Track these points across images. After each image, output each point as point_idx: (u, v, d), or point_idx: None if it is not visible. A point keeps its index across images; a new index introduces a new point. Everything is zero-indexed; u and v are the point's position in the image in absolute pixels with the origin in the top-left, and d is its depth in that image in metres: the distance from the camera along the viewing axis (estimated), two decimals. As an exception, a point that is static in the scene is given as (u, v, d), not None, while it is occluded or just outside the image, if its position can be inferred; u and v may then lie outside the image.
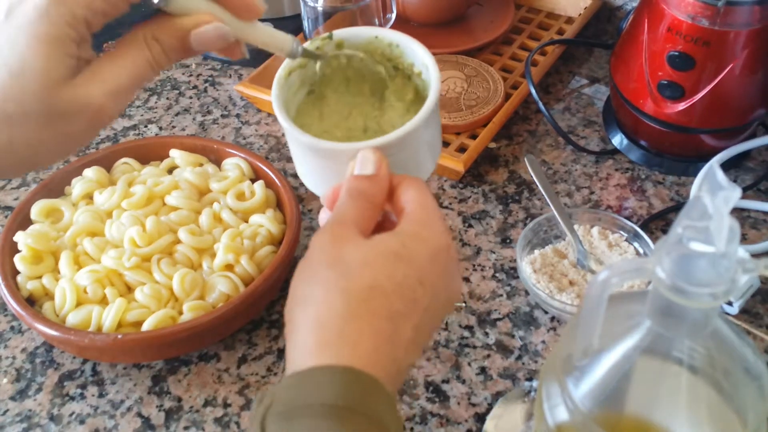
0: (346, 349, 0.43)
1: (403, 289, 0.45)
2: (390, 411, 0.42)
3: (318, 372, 0.42)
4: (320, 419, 0.40)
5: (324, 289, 0.45)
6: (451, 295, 0.49)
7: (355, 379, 0.42)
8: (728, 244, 0.39)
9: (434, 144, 0.56)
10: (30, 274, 0.73)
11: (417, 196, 0.49)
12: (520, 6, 1.11)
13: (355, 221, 0.48)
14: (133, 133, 0.98)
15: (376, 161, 0.50)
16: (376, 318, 0.44)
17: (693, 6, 0.77)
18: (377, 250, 0.46)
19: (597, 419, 0.45)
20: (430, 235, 0.48)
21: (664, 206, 0.85)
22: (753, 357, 0.45)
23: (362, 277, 0.45)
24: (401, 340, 0.45)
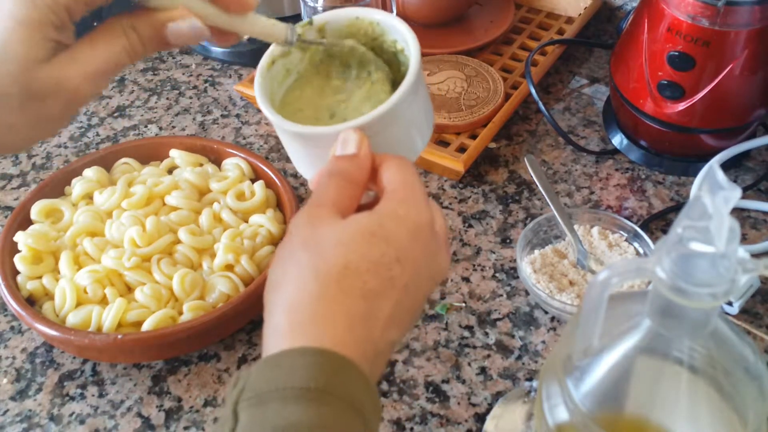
0: (319, 329, 0.43)
1: (378, 268, 0.45)
2: (365, 391, 0.42)
3: (289, 355, 0.42)
4: (292, 403, 0.39)
5: (297, 270, 0.45)
6: (435, 271, 0.49)
7: (327, 360, 0.41)
8: (728, 244, 0.39)
9: (421, 121, 0.55)
10: (30, 274, 0.73)
11: (398, 175, 0.49)
12: (520, 6, 1.11)
13: (332, 202, 0.48)
14: (133, 133, 0.98)
15: (357, 141, 0.49)
16: (349, 297, 0.44)
17: (693, 6, 0.77)
18: (352, 230, 0.46)
19: (597, 419, 0.45)
20: (409, 212, 0.47)
21: (664, 206, 0.85)
22: (753, 357, 0.45)
23: (335, 257, 0.44)
24: (377, 319, 0.44)
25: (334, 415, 0.40)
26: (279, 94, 0.57)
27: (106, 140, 0.97)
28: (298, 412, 0.39)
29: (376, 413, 0.43)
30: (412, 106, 0.53)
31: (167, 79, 1.06)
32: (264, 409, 0.40)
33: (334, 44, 0.57)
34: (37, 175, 0.92)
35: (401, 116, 0.52)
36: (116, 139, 0.97)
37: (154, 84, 1.05)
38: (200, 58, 1.09)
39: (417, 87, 0.52)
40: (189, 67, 1.08)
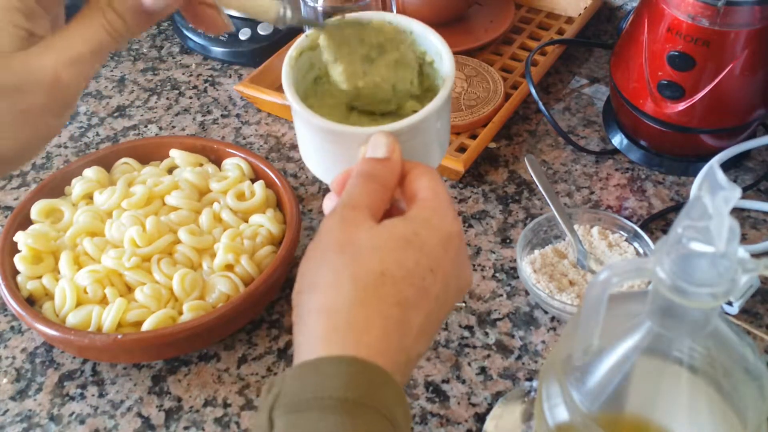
0: (354, 336, 0.42)
1: (414, 277, 0.44)
2: (398, 402, 0.42)
3: (325, 362, 0.41)
4: (329, 413, 0.39)
5: (333, 274, 0.44)
6: (462, 283, 0.49)
7: (364, 370, 0.41)
8: (728, 244, 0.39)
9: (444, 134, 0.55)
10: (30, 274, 0.73)
11: (430, 183, 0.48)
12: (520, 6, 1.11)
13: (367, 205, 0.47)
14: (133, 133, 0.98)
15: (389, 144, 0.49)
16: (385, 305, 0.43)
17: (693, 6, 0.77)
18: (388, 235, 0.45)
19: (597, 419, 0.45)
20: (442, 223, 0.47)
21: (664, 206, 0.85)
22: (753, 357, 0.45)
23: (372, 262, 0.44)
24: (411, 328, 0.44)
25: (369, 426, 0.39)
26: (302, 86, 0.56)
27: (106, 140, 0.97)
28: (336, 423, 0.39)
29: (407, 422, 0.42)
30: (441, 117, 0.53)
31: (167, 79, 1.06)
32: (300, 417, 0.39)
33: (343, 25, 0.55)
34: (37, 175, 0.92)
35: (430, 126, 0.52)
36: (116, 139, 0.97)
37: (154, 84, 1.05)
38: (200, 58, 1.09)
39: (448, 101, 0.52)
40: (189, 67, 1.08)
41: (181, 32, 1.11)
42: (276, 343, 0.73)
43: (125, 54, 1.11)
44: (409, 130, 0.50)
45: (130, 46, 1.12)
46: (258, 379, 0.70)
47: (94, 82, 1.06)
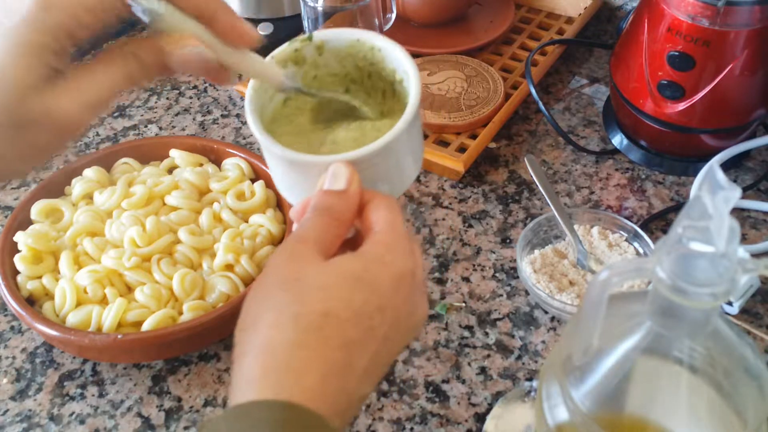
0: (291, 379, 0.41)
1: (360, 317, 0.43)
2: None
3: (257, 407, 0.40)
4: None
5: (274, 313, 0.43)
6: (414, 321, 0.47)
7: (296, 415, 0.39)
8: (728, 244, 0.39)
9: (416, 152, 0.54)
10: (30, 274, 0.73)
11: (387, 216, 0.47)
12: (520, 6, 1.11)
13: (316, 240, 0.45)
14: (133, 133, 0.98)
15: (348, 176, 0.47)
16: (327, 347, 0.42)
17: (693, 6, 0.77)
18: (336, 273, 0.44)
19: (597, 419, 0.45)
20: (395, 259, 0.45)
21: (664, 206, 0.85)
22: (753, 357, 0.45)
23: (317, 302, 0.42)
24: (354, 370, 0.42)
25: None
26: (269, 109, 0.55)
27: (106, 140, 0.97)
28: None
29: None
30: (406, 142, 0.51)
31: (167, 79, 1.06)
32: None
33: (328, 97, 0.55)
34: (37, 175, 0.92)
35: (395, 151, 0.50)
36: (116, 139, 0.97)
37: (154, 84, 1.05)
38: (200, 58, 1.09)
39: (414, 123, 0.51)
40: (189, 67, 1.08)
41: (181, 32, 1.11)
42: (276, 343, 0.73)
43: (125, 54, 1.11)
44: (372, 156, 0.49)
45: (130, 46, 1.12)
46: (258, 379, 0.70)
47: (94, 82, 1.06)
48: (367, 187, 0.49)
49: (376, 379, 0.45)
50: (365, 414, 0.67)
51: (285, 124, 0.55)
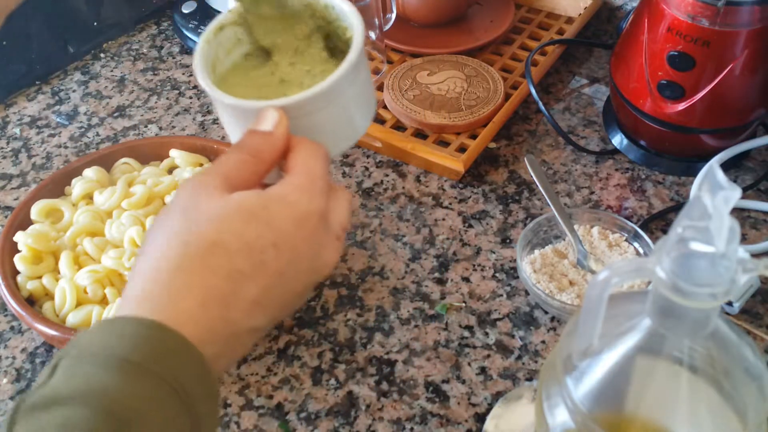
0: (167, 301, 0.42)
1: (252, 250, 0.44)
2: (196, 375, 0.41)
3: (123, 322, 0.41)
4: (104, 369, 0.38)
5: (166, 238, 0.44)
6: (319, 264, 0.48)
7: (159, 335, 0.40)
8: (728, 244, 0.39)
9: (359, 105, 0.54)
10: (30, 274, 0.73)
11: (305, 160, 0.48)
12: (520, 6, 1.11)
13: (224, 174, 0.47)
14: (133, 133, 0.98)
15: (275, 120, 0.48)
16: (211, 275, 0.43)
17: (693, 6, 0.77)
18: (233, 206, 0.45)
19: (597, 419, 0.45)
20: (301, 199, 0.46)
21: (664, 206, 0.85)
22: (753, 357, 0.45)
23: (208, 231, 0.44)
24: (240, 300, 0.43)
25: (143, 389, 0.39)
26: (226, 62, 0.55)
27: (106, 140, 0.97)
28: (106, 380, 0.38)
29: (208, 397, 0.42)
30: (346, 92, 0.51)
31: (167, 79, 1.06)
32: (80, 367, 0.39)
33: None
34: (37, 175, 0.92)
35: (336, 99, 0.51)
36: (116, 139, 0.97)
37: (154, 84, 1.05)
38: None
39: (356, 72, 0.51)
40: (189, 67, 1.08)
41: (181, 32, 1.11)
42: (276, 343, 0.73)
43: (125, 54, 1.11)
44: (308, 102, 0.50)
45: (129, 46, 1.12)
46: (258, 379, 0.70)
47: (94, 82, 1.06)
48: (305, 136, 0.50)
49: (270, 313, 0.46)
50: (365, 414, 0.67)
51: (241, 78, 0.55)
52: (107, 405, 0.37)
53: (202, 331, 0.42)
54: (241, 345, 0.45)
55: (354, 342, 0.73)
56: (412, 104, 0.92)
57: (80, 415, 0.36)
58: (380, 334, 0.73)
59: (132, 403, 0.38)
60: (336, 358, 0.72)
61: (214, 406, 0.42)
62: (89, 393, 0.37)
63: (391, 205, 0.86)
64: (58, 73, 1.08)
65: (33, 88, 1.05)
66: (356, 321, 0.75)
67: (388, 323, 0.74)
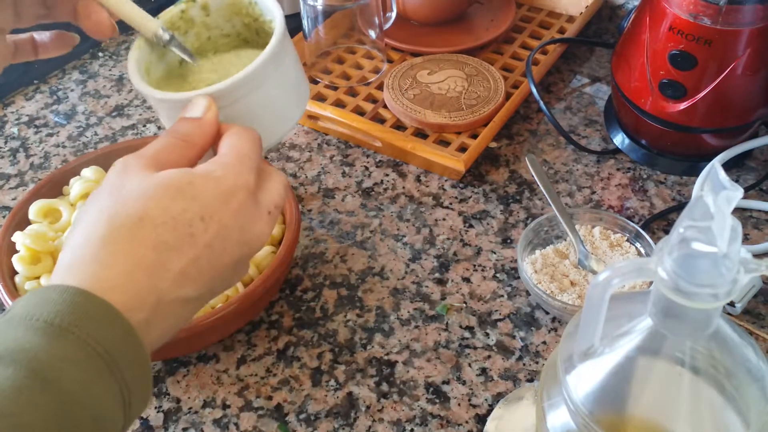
0: (92, 270, 0.43)
1: (177, 223, 0.46)
2: (122, 339, 0.42)
3: (51, 289, 0.42)
4: (29, 332, 0.40)
5: (95, 213, 0.46)
6: (248, 237, 0.49)
7: (83, 301, 0.42)
8: (730, 244, 0.38)
9: (288, 90, 0.56)
10: (28, 274, 0.73)
11: (233, 141, 0.50)
12: (521, 5, 1.11)
13: (152, 155, 0.49)
14: (131, 133, 0.98)
15: (204, 106, 0.51)
16: (138, 246, 0.45)
17: (695, 5, 0.76)
18: (157, 182, 0.47)
19: (598, 420, 0.45)
20: (227, 175, 0.48)
21: (665, 206, 0.84)
22: (755, 358, 0.45)
23: (134, 207, 0.45)
24: (167, 271, 0.45)
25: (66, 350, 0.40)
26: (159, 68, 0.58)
27: (104, 140, 0.97)
28: (31, 341, 0.39)
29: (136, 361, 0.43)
30: (273, 76, 0.54)
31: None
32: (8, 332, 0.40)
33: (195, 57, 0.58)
34: (35, 174, 0.92)
35: (261, 85, 0.53)
36: (114, 138, 0.97)
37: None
38: (200, 57, 1.09)
39: (279, 58, 0.53)
40: (188, 66, 1.08)
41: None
42: (275, 344, 0.73)
43: (123, 53, 1.11)
44: (233, 88, 0.52)
45: (128, 45, 1.12)
46: (257, 380, 0.70)
47: (93, 82, 1.06)
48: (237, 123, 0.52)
49: (200, 284, 0.47)
50: (365, 415, 0.67)
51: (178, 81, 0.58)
52: (31, 364, 0.39)
53: (129, 299, 0.43)
54: (174, 315, 0.47)
55: (354, 343, 0.73)
56: (412, 103, 0.92)
57: (6, 373, 0.38)
58: (380, 335, 0.73)
59: (54, 362, 0.39)
60: (336, 359, 0.71)
61: (144, 372, 0.44)
62: (16, 353, 0.39)
63: (391, 205, 0.85)
64: (56, 72, 1.08)
65: (31, 88, 1.05)
66: (356, 322, 0.74)
67: (388, 324, 0.74)
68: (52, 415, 0.38)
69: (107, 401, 0.41)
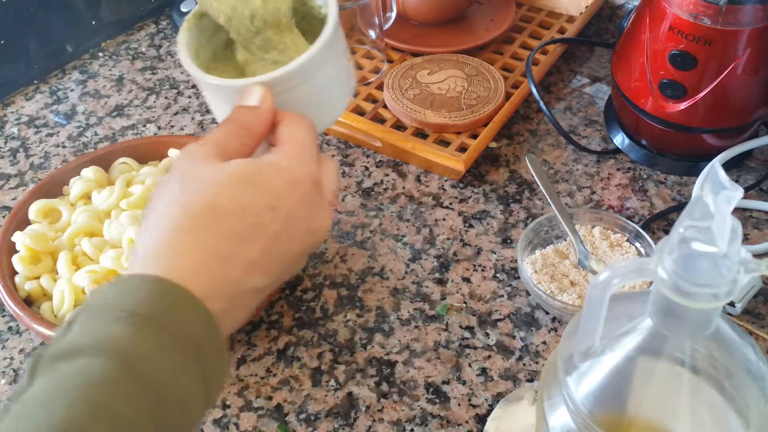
0: (169, 259, 0.44)
1: (247, 213, 0.46)
2: (203, 327, 0.43)
3: (131, 279, 0.43)
4: (115, 323, 0.41)
5: (167, 202, 0.47)
6: (315, 226, 0.50)
7: (165, 290, 0.43)
8: (730, 244, 0.38)
9: (336, 83, 0.56)
10: (28, 274, 0.73)
11: (293, 130, 0.51)
12: (521, 5, 1.11)
13: (217, 143, 0.49)
14: (131, 133, 0.98)
15: (260, 94, 0.51)
16: (211, 236, 0.45)
17: (695, 5, 0.76)
18: (229, 173, 0.47)
19: (598, 420, 0.45)
20: (292, 165, 0.49)
21: (665, 206, 0.84)
22: (755, 358, 0.45)
23: (205, 195, 0.46)
24: (239, 261, 0.46)
25: (152, 340, 0.41)
26: (208, 49, 0.57)
27: (104, 140, 0.97)
28: (119, 332, 0.40)
29: (215, 348, 0.44)
30: (325, 67, 0.53)
31: (166, 79, 1.06)
32: (92, 322, 0.41)
33: None
34: (35, 174, 0.92)
35: (315, 74, 0.53)
36: (114, 138, 0.97)
37: (152, 83, 1.05)
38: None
39: (331, 48, 0.53)
40: (188, 66, 1.08)
41: (180, 31, 1.11)
42: (275, 344, 0.73)
43: (123, 53, 1.11)
44: (288, 77, 0.52)
45: (128, 45, 1.12)
46: (257, 380, 0.70)
47: (93, 82, 1.06)
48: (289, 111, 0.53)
49: (269, 273, 0.48)
50: (365, 415, 0.67)
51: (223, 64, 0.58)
52: (120, 354, 0.39)
53: (205, 287, 0.44)
54: (245, 305, 0.48)
55: (354, 343, 0.73)
56: (412, 103, 0.92)
57: (97, 364, 0.39)
58: (380, 335, 0.73)
59: (143, 352, 0.40)
60: (336, 359, 0.71)
61: (222, 360, 0.44)
62: (103, 344, 0.40)
63: (391, 205, 0.85)
64: (56, 72, 1.08)
65: (31, 88, 1.05)
66: (356, 322, 0.74)
67: (388, 324, 0.74)
68: (145, 404, 0.39)
69: (193, 389, 0.42)
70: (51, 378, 0.39)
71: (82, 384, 0.38)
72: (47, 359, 0.40)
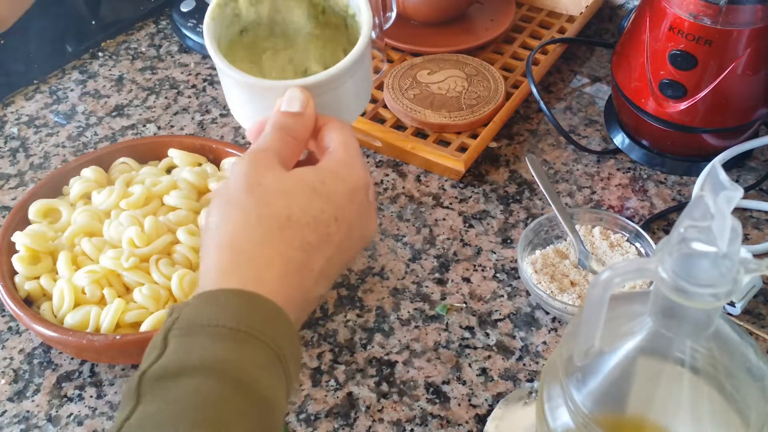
0: (254, 273, 0.45)
1: (318, 224, 0.47)
2: (288, 337, 0.44)
3: (223, 294, 0.43)
4: (218, 340, 0.41)
5: (241, 213, 0.46)
6: (366, 231, 0.52)
7: (258, 304, 0.43)
8: (730, 244, 0.38)
9: (363, 88, 0.57)
10: (28, 274, 0.73)
11: (341, 137, 0.51)
12: (521, 4, 1.11)
13: (276, 151, 0.49)
14: (131, 133, 0.98)
15: (303, 99, 0.51)
16: (288, 247, 0.46)
17: (695, 4, 0.76)
18: (295, 182, 0.48)
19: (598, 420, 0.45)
20: (350, 174, 0.50)
21: (665, 206, 0.84)
22: (755, 358, 0.45)
23: (279, 206, 0.46)
24: (311, 271, 0.47)
25: (256, 356, 0.42)
26: (226, 37, 0.57)
27: (104, 139, 0.97)
28: (224, 349, 0.41)
29: (295, 359, 0.45)
30: (358, 71, 0.54)
31: (166, 78, 1.06)
32: (192, 340, 0.41)
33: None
34: (34, 174, 0.92)
35: (347, 80, 0.54)
36: (114, 138, 0.97)
37: (152, 83, 1.05)
38: (199, 57, 1.09)
39: (366, 54, 0.54)
40: (188, 66, 1.08)
41: (179, 31, 1.11)
42: (275, 344, 0.73)
43: (123, 53, 1.10)
44: (325, 83, 0.52)
45: (128, 45, 1.12)
46: (257, 380, 0.70)
47: (93, 82, 1.06)
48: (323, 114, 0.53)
49: (330, 281, 0.49)
50: (365, 415, 0.67)
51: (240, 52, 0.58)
52: (230, 373, 0.40)
53: (285, 299, 0.45)
54: (308, 311, 0.49)
55: (354, 343, 0.73)
56: (412, 103, 0.92)
57: (209, 383, 0.39)
58: (380, 335, 0.73)
59: (250, 369, 0.41)
60: (336, 359, 0.71)
61: (298, 370, 0.45)
62: (211, 363, 0.40)
63: (391, 205, 0.85)
64: (56, 72, 1.08)
65: (31, 87, 1.05)
66: (356, 322, 0.74)
67: (388, 324, 0.74)
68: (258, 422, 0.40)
69: (284, 402, 0.43)
70: (162, 398, 0.39)
71: (200, 404, 0.39)
72: (151, 379, 0.40)
